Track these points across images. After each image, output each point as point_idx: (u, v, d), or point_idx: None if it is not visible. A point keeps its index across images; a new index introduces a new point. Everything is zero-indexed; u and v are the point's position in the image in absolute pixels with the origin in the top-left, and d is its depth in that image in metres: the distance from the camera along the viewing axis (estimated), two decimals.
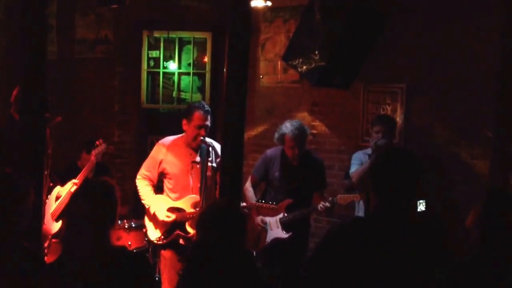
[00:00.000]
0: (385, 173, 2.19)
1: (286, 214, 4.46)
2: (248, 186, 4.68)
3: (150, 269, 2.60)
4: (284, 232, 4.47)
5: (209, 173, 4.18)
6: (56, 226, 4.51)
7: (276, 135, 4.53)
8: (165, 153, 4.36)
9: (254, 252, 4.54)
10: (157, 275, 4.66)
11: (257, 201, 4.51)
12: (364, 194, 4.19)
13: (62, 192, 4.64)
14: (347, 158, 4.97)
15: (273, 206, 4.41)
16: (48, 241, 4.42)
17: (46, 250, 4.31)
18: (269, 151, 4.70)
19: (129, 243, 4.90)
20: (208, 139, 4.24)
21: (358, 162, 4.54)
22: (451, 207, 4.30)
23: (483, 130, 4.29)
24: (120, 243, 4.84)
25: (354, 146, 5.10)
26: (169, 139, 4.49)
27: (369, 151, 4.57)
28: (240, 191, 3.79)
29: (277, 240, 4.51)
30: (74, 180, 4.66)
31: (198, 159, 4.30)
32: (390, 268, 2.06)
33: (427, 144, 4.64)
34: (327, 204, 4.34)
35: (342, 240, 2.18)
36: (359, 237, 2.15)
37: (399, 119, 4.86)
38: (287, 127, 4.45)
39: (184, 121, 4.29)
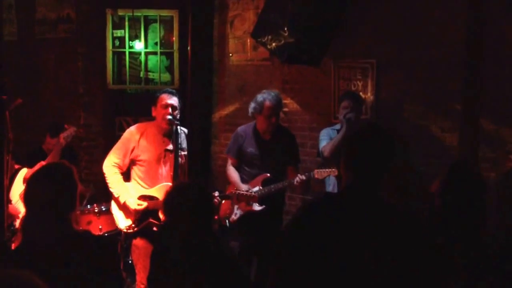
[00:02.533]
0: (359, 150, 2.16)
1: (261, 188, 4.42)
2: (229, 167, 4.62)
3: (115, 252, 2.54)
4: (257, 204, 4.43)
5: (182, 161, 4.12)
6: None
7: (253, 104, 4.45)
8: (138, 140, 4.28)
9: (228, 223, 4.49)
10: (130, 258, 4.60)
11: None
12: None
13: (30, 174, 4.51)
14: (319, 135, 4.93)
15: (254, 194, 4.37)
16: (16, 222, 4.33)
17: (14, 235, 4.23)
18: (240, 128, 4.65)
19: (100, 227, 4.81)
20: (182, 128, 4.21)
21: (327, 137, 4.51)
22: (422, 180, 4.30)
23: (453, 103, 4.30)
24: (90, 227, 4.78)
25: (326, 123, 5.05)
26: (141, 125, 4.42)
27: (337, 127, 4.55)
28: (209, 171, 3.73)
29: (250, 213, 4.46)
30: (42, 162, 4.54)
31: (171, 147, 4.24)
32: (362, 245, 2.03)
33: (398, 118, 4.63)
34: (303, 177, 4.29)
35: (314, 217, 2.14)
36: (332, 213, 2.12)
37: (370, 94, 4.84)
38: (266, 95, 4.41)
39: (152, 108, 4.32)
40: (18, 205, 4.42)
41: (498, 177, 3.93)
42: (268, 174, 4.43)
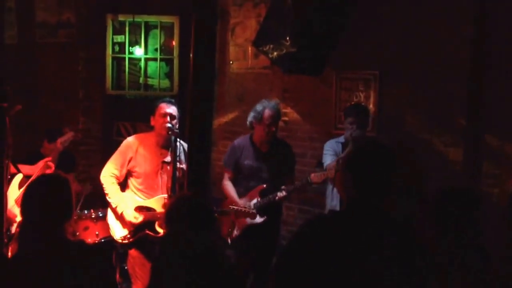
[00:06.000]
0: (363, 167, 2.15)
1: (259, 200, 4.38)
2: (225, 181, 4.59)
3: (108, 263, 2.57)
4: (258, 216, 4.39)
5: (179, 174, 4.08)
6: None
7: (252, 114, 4.45)
8: (135, 150, 4.27)
9: (229, 240, 4.46)
10: (126, 264, 4.57)
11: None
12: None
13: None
14: (319, 146, 4.91)
15: (253, 211, 4.34)
16: (12, 226, 4.35)
17: (11, 240, 4.21)
18: (237, 141, 4.63)
19: (97, 233, 4.77)
20: (182, 142, 4.16)
21: (331, 152, 4.46)
22: (424, 195, 4.27)
23: (457, 118, 4.27)
24: (87, 233, 4.75)
25: (327, 134, 5.04)
26: (139, 136, 4.41)
27: (341, 139, 4.51)
28: (208, 182, 3.70)
29: (251, 226, 4.42)
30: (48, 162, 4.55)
31: (168, 159, 4.21)
32: (366, 263, 2.02)
33: (400, 131, 4.60)
34: (283, 193, 4.30)
35: (318, 234, 2.13)
36: (336, 231, 2.10)
37: (372, 106, 4.81)
38: (265, 104, 4.42)
39: (151, 118, 4.30)
40: (13, 210, 4.41)
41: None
42: (264, 185, 4.40)
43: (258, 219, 4.41)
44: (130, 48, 6.35)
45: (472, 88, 4.18)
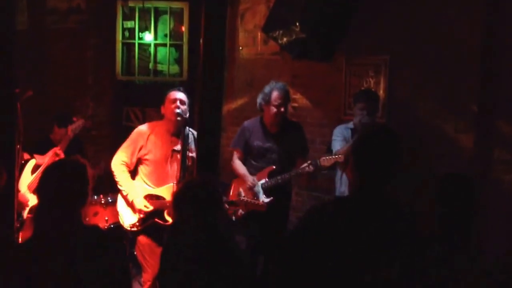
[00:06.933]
0: (368, 153, 2.15)
1: (268, 180, 4.39)
2: (235, 160, 4.60)
3: (122, 248, 2.57)
4: (265, 196, 4.40)
5: (189, 163, 4.10)
6: (34, 199, 4.44)
7: (261, 95, 4.46)
8: (147, 138, 4.29)
9: (234, 218, 4.46)
10: (133, 250, 4.61)
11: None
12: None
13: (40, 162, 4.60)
14: (328, 132, 4.89)
15: (262, 203, 4.33)
16: (24, 211, 4.41)
17: (22, 225, 4.27)
18: (247, 122, 4.65)
19: (106, 218, 4.81)
20: (191, 130, 4.19)
21: (341, 138, 4.46)
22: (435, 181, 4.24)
23: (468, 103, 4.21)
24: (97, 218, 4.79)
25: (336, 120, 5.02)
26: (151, 124, 4.43)
27: (350, 125, 4.51)
28: (218, 167, 3.70)
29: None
30: (57, 151, 4.63)
31: (179, 147, 4.23)
32: (369, 248, 2.04)
33: (411, 118, 4.56)
34: (311, 167, 4.27)
35: (324, 219, 2.14)
36: (341, 216, 2.12)
37: (382, 92, 4.78)
38: (273, 85, 4.43)
39: (162, 107, 4.33)
40: (26, 195, 4.47)
41: None
42: (274, 167, 4.41)
43: (266, 199, 4.40)
44: (140, 34, 6.35)
45: (484, 73, 4.12)
